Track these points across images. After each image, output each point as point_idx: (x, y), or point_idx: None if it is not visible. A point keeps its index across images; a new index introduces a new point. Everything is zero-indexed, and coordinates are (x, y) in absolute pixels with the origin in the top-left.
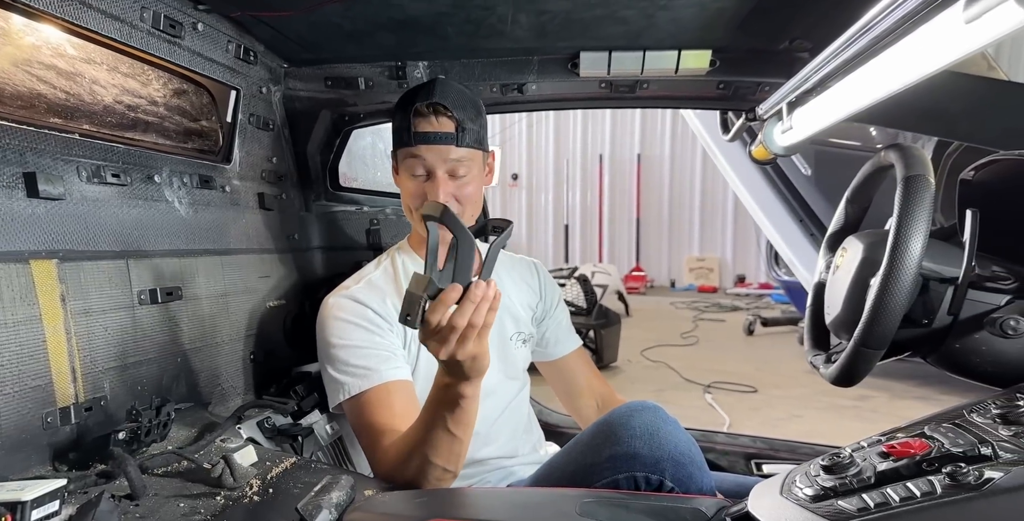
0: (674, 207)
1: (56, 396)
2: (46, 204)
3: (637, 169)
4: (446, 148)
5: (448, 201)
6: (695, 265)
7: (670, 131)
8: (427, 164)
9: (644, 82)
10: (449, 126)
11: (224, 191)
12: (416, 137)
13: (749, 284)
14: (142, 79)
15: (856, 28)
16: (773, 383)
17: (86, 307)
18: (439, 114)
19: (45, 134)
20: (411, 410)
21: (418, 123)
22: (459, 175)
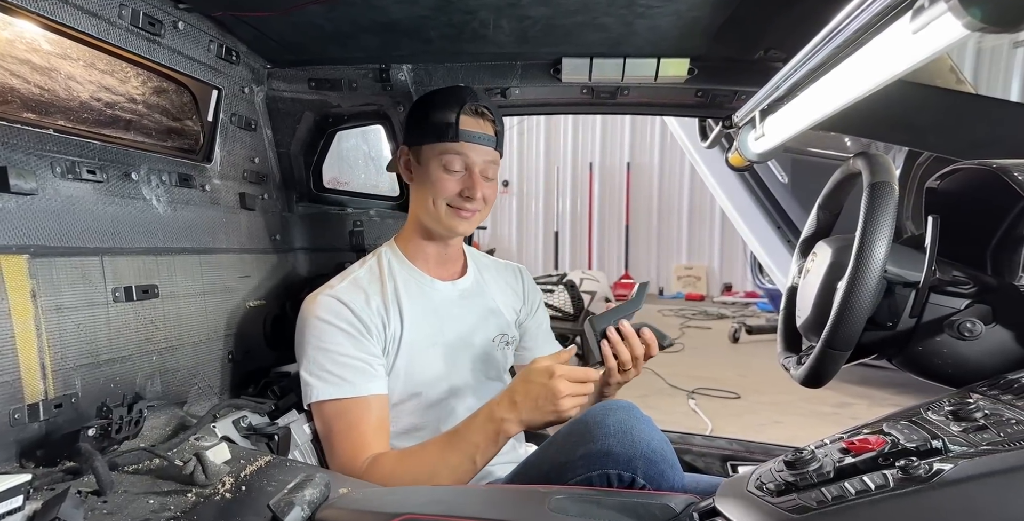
0: (663, 215)
1: (24, 392)
2: (17, 199)
3: (627, 177)
4: (486, 149)
5: (478, 199)
6: (683, 273)
7: (659, 140)
8: (468, 161)
9: (625, 89)
10: (490, 129)
11: (204, 190)
12: (463, 134)
13: (736, 292)
14: (120, 76)
15: (820, 37)
16: (756, 389)
17: (58, 303)
18: (484, 117)
19: (18, 129)
20: (386, 426)
21: (465, 121)
22: (489, 177)
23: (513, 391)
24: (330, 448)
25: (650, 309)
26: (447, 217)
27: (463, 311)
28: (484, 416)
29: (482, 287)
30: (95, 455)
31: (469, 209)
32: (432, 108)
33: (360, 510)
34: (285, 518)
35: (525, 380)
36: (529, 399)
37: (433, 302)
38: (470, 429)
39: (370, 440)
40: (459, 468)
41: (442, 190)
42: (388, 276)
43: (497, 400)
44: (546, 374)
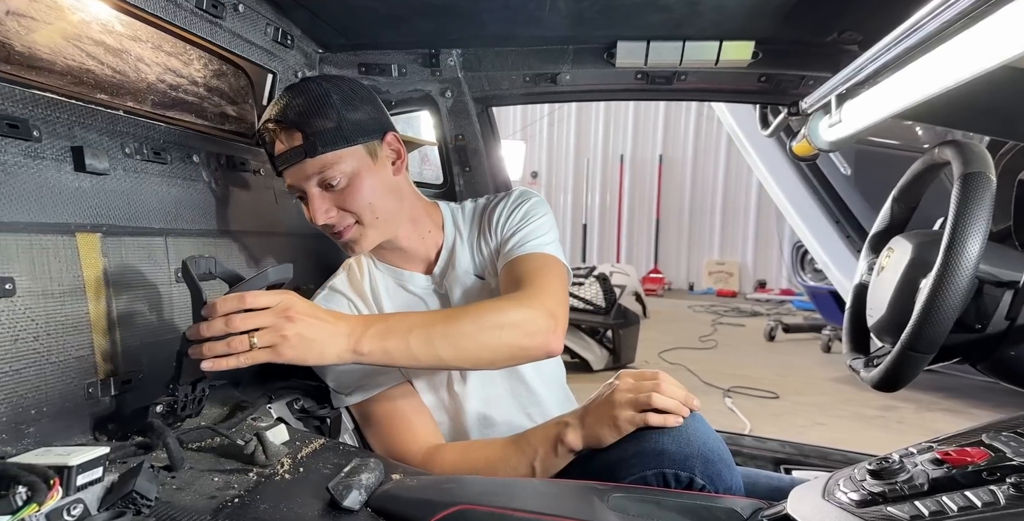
0: (695, 209)
1: (97, 368)
2: (91, 178)
3: (658, 170)
4: (301, 164)
5: (332, 217)
6: (715, 269)
7: (694, 132)
8: (297, 187)
9: (682, 73)
10: (296, 138)
11: (257, 174)
12: (276, 161)
13: (770, 289)
14: (184, 59)
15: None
16: (795, 390)
17: (126, 282)
18: (282, 130)
19: (92, 110)
20: (424, 409)
21: (273, 147)
22: (333, 183)
23: (589, 398)
24: (377, 440)
25: (680, 304)
26: (337, 242)
27: (444, 300)
28: (552, 421)
29: (457, 259)
30: (167, 432)
31: (334, 230)
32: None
33: (416, 497)
34: (344, 501)
35: (602, 387)
36: (594, 404)
37: (419, 296)
38: (535, 432)
39: (417, 427)
40: (519, 472)
41: (309, 220)
42: (367, 277)
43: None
44: (617, 376)
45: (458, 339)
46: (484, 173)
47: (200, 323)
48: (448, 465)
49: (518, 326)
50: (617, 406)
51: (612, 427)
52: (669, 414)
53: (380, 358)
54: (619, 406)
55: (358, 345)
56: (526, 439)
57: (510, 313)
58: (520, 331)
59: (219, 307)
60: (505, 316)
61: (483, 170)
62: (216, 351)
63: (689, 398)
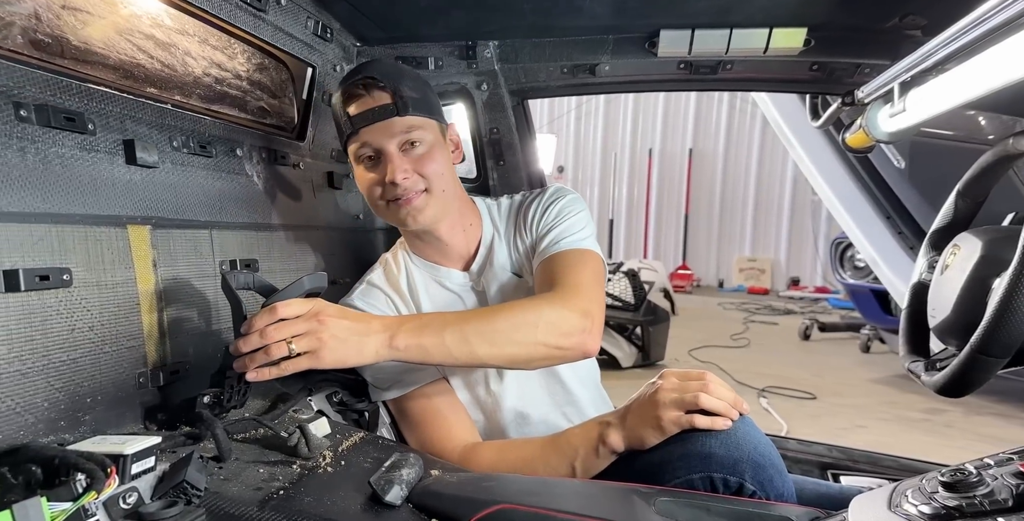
0: (725, 205)
1: (147, 358)
2: (142, 171)
3: (688, 164)
4: (388, 121)
5: (407, 179)
6: (746, 265)
7: (726, 125)
8: (375, 145)
9: (728, 63)
10: (385, 98)
11: (297, 168)
12: (356, 120)
13: (804, 287)
14: (228, 53)
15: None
16: (833, 390)
17: (174, 274)
18: (371, 88)
19: (142, 103)
20: (460, 407)
21: (353, 105)
22: (416, 148)
23: (631, 398)
24: (413, 435)
25: (710, 302)
26: (392, 214)
27: (482, 298)
28: (592, 421)
29: (494, 256)
30: (216, 423)
31: (403, 196)
32: (331, 109)
33: (457, 495)
34: (386, 496)
35: (644, 386)
36: (636, 403)
37: (453, 293)
38: (574, 432)
39: (453, 424)
40: (558, 472)
41: (368, 188)
42: (404, 272)
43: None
44: (660, 376)
45: (493, 336)
46: (518, 167)
47: (239, 339)
48: (485, 463)
49: (553, 325)
50: (661, 406)
51: (655, 428)
52: (717, 416)
53: (417, 354)
54: (663, 406)
55: (394, 341)
56: (566, 439)
57: (544, 312)
58: (555, 330)
59: (255, 323)
60: (539, 315)
61: (517, 164)
62: (258, 361)
63: (738, 401)
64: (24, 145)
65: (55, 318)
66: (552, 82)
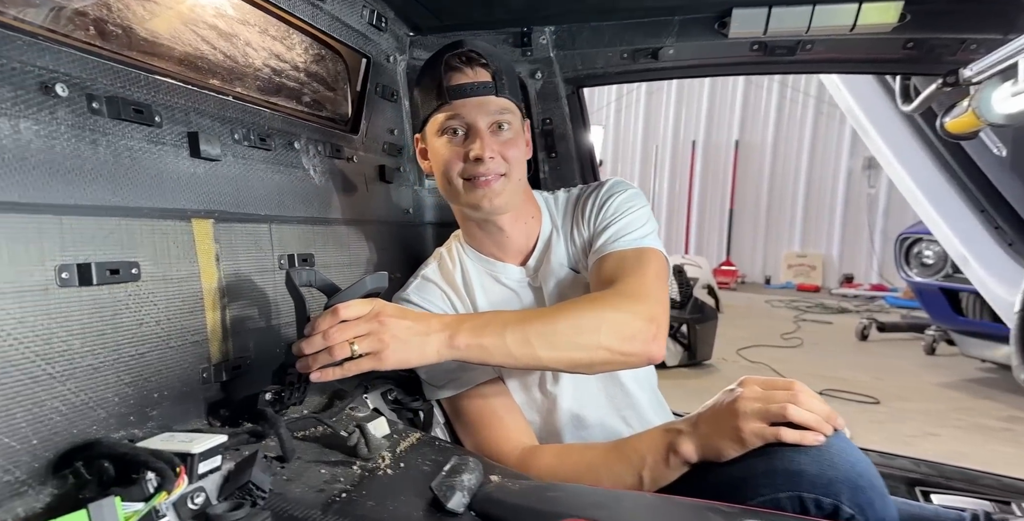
0: (774, 198)
1: (210, 354)
2: (205, 164)
3: (734, 156)
4: (485, 98)
5: (495, 159)
6: (795, 262)
7: (775, 115)
8: (467, 119)
9: (808, 43)
10: (485, 75)
11: (351, 162)
12: (450, 92)
13: (858, 285)
14: (287, 43)
15: None
16: (898, 395)
17: (236, 268)
18: (473, 63)
19: (205, 95)
20: (516, 408)
21: (451, 77)
22: (503, 130)
23: (705, 405)
24: (468, 436)
25: (756, 299)
26: (466, 194)
27: (538, 294)
28: (660, 427)
29: (551, 253)
30: (279, 421)
31: (484, 175)
32: (419, 80)
33: (520, 505)
34: (448, 503)
35: (720, 393)
36: (710, 412)
37: (510, 290)
38: (641, 439)
39: (510, 426)
40: (623, 481)
41: (448, 162)
42: (459, 266)
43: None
44: (740, 383)
45: (554, 338)
46: (571, 159)
47: (301, 340)
48: (545, 468)
49: (616, 329)
50: (742, 416)
51: (735, 440)
52: (807, 430)
53: (477, 354)
54: (744, 416)
55: (454, 340)
56: (631, 446)
57: (607, 315)
58: (618, 335)
59: (318, 324)
60: (602, 318)
61: (570, 156)
62: (320, 362)
63: (832, 414)
64: (96, 138)
65: (124, 312)
66: (611, 68)
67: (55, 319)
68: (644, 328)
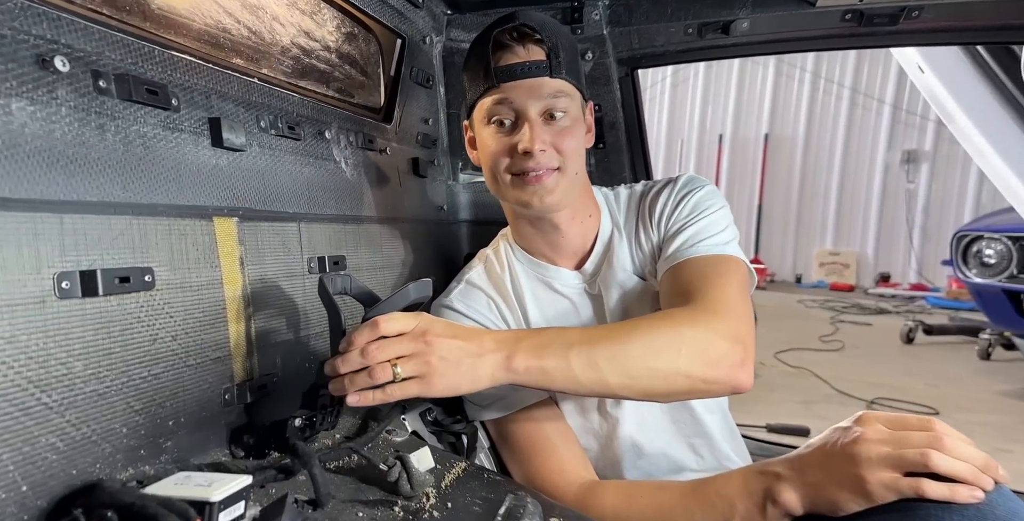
0: (805, 194)
1: (234, 371)
2: (228, 155)
3: (763, 151)
4: (538, 81)
5: (546, 152)
6: (827, 260)
7: (807, 108)
8: (516, 105)
9: (915, 9)
10: (539, 53)
11: (384, 154)
12: (499, 73)
13: (896, 284)
14: (318, 19)
15: None
16: (957, 405)
17: (262, 273)
18: (525, 39)
19: (228, 76)
20: (571, 434)
21: (500, 57)
22: (557, 116)
23: (809, 444)
24: (517, 465)
25: (788, 299)
26: (515, 190)
27: (596, 300)
28: (754, 468)
29: (613, 256)
30: (312, 458)
31: (534, 170)
32: (467, 60)
33: None
34: None
35: (828, 431)
36: (820, 453)
37: (564, 297)
38: (728, 481)
39: (565, 456)
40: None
41: (496, 155)
42: (508, 271)
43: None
44: (858, 420)
45: (626, 362)
46: (620, 151)
47: (336, 357)
48: (608, 509)
49: (698, 352)
50: (866, 463)
51: (856, 491)
52: (958, 484)
53: (537, 378)
54: (869, 464)
55: (510, 361)
56: (715, 489)
57: (686, 334)
58: (701, 359)
59: (355, 339)
60: (681, 338)
61: (619, 147)
62: (358, 384)
63: (990, 463)
64: (103, 122)
65: (136, 327)
66: (672, 46)
67: (53, 337)
68: (730, 350)
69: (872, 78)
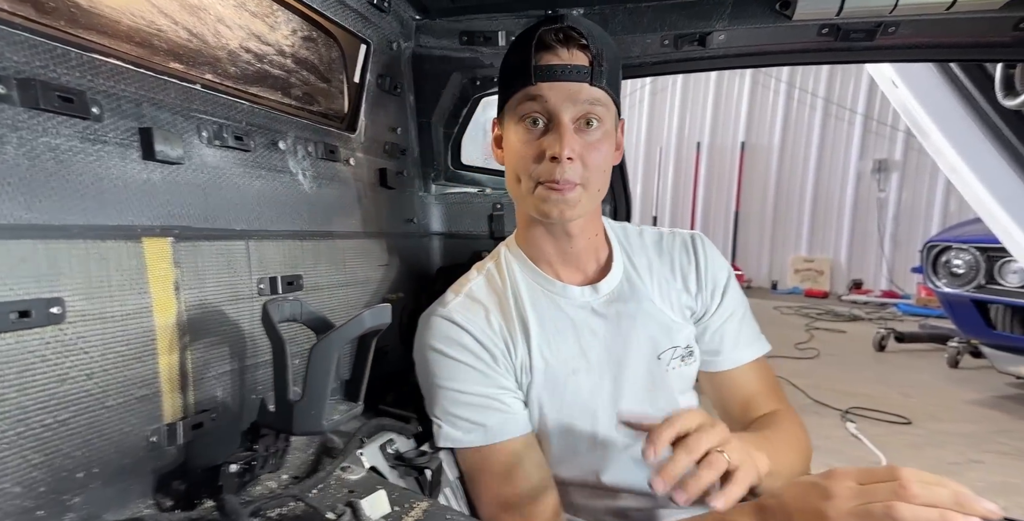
0: (780, 201)
1: (164, 409)
2: (163, 169)
3: (740, 159)
4: (577, 86)
5: (574, 162)
6: (802, 266)
7: (782, 117)
8: (551, 106)
9: (892, 25)
10: (582, 58)
11: (348, 164)
12: (538, 72)
13: (868, 291)
14: (270, 21)
15: None
16: (929, 414)
17: (202, 297)
18: (571, 43)
19: (164, 82)
20: (546, 472)
21: (542, 56)
22: (592, 124)
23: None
24: (482, 501)
25: (764, 305)
26: (536, 199)
27: (610, 324)
28: (717, 516)
29: (635, 285)
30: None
31: (560, 181)
32: (506, 58)
33: None
34: None
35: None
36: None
37: (568, 315)
38: None
39: (538, 494)
40: None
41: (521, 158)
42: (509, 284)
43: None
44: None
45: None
46: None
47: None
48: None
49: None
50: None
51: None
52: None
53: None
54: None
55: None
56: None
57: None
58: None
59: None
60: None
61: None
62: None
63: (964, 500)
64: (2, 134)
65: (39, 367)
66: (649, 58)
67: None
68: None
69: (844, 88)
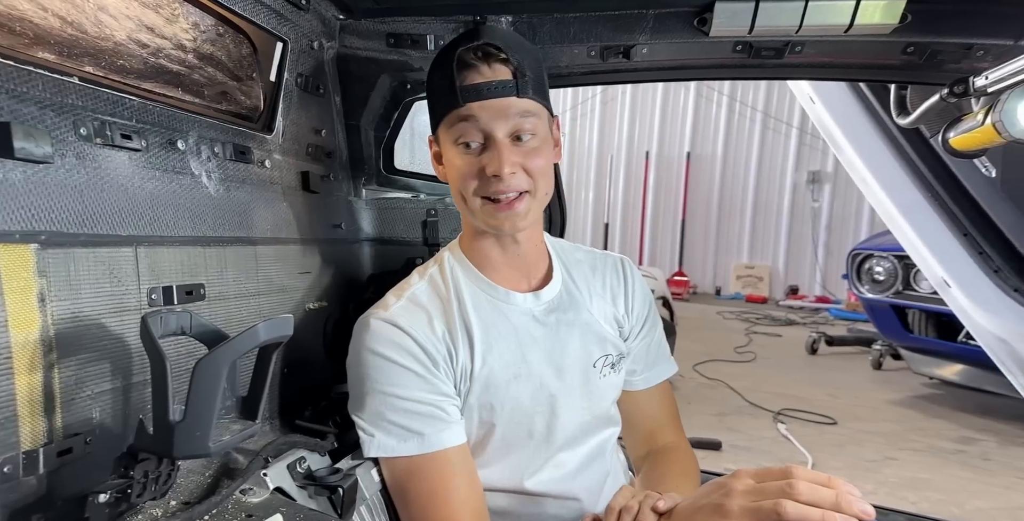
0: (723, 210)
1: (21, 435)
2: (25, 168)
3: (686, 168)
4: (505, 101)
5: (516, 175)
6: (744, 273)
7: (724, 128)
8: (483, 125)
9: (798, 44)
10: (505, 72)
11: (263, 166)
12: (464, 93)
13: (804, 296)
14: (166, 14)
15: None
16: (853, 414)
17: (75, 310)
18: (491, 59)
19: (28, 72)
20: (477, 484)
21: (465, 76)
22: (524, 138)
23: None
24: (410, 514)
25: (708, 310)
26: (486, 215)
27: (550, 331)
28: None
29: (573, 295)
30: None
31: (504, 193)
32: (430, 75)
33: None
34: None
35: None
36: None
37: (511, 322)
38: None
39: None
40: None
41: (463, 177)
42: (452, 290)
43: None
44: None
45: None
46: None
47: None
48: None
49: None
50: (728, 516)
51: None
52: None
53: None
54: (731, 516)
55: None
56: None
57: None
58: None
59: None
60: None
61: None
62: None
63: (846, 501)
64: None
65: None
66: (576, 68)
67: None
68: None
69: (781, 102)
